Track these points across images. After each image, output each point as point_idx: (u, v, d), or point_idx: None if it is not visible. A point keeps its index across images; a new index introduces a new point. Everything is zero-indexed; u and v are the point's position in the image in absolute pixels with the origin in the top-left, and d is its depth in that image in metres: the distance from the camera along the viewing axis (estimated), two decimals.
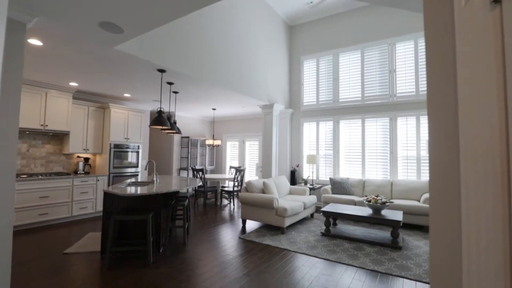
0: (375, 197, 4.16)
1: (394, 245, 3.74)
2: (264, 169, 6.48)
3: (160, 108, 4.08)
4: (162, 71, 3.97)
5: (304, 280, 2.74)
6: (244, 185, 5.10)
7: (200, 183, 4.39)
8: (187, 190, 5.56)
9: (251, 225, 4.85)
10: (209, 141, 7.34)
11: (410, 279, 2.82)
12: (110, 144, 5.81)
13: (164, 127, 4.29)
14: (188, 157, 7.98)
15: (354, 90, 6.32)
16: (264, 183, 4.83)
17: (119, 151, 5.99)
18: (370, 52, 6.14)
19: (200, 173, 6.42)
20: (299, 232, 4.40)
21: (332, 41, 6.66)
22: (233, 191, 6.43)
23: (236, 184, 6.52)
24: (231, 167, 7.65)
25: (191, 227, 4.61)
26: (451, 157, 0.81)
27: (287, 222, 4.39)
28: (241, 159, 8.46)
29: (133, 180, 4.54)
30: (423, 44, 5.59)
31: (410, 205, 4.64)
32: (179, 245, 3.73)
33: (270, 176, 6.35)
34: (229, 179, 6.70)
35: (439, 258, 0.82)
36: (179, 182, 4.29)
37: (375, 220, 3.91)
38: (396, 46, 5.85)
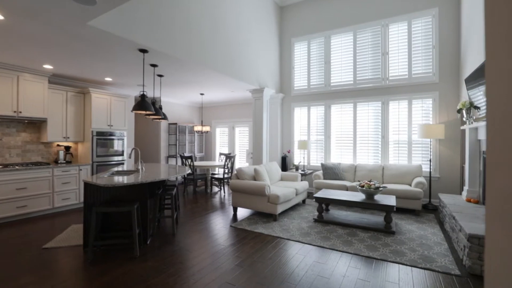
0: (368, 182, 4.11)
1: (387, 230, 3.72)
2: (255, 155, 6.34)
3: (143, 91, 3.80)
4: (144, 51, 3.67)
5: (299, 269, 2.66)
6: (234, 172, 4.95)
7: (189, 171, 4.21)
8: (176, 178, 5.36)
9: (242, 212, 4.75)
10: (197, 128, 7.09)
11: (406, 264, 2.79)
12: (92, 131, 5.49)
13: (148, 112, 4.03)
14: (176, 144, 7.73)
15: (346, 74, 6.16)
16: (255, 169, 4.69)
17: (103, 138, 5.68)
18: (362, 34, 5.94)
19: (189, 160, 6.22)
20: (291, 219, 4.33)
21: (324, 22, 6.40)
22: (223, 178, 6.29)
23: (226, 171, 6.37)
24: (221, 154, 7.47)
25: (181, 217, 4.46)
26: None
27: (280, 209, 4.30)
28: (231, 145, 8.28)
29: (118, 169, 4.31)
30: (417, 25, 5.44)
31: (402, 189, 4.63)
32: (167, 236, 3.58)
33: (261, 163, 6.23)
34: (219, 166, 6.54)
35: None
36: (167, 170, 4.09)
37: (369, 205, 3.87)
38: (389, 28, 5.67)
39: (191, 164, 6.15)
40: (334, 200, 4.11)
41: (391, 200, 3.95)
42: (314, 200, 5.23)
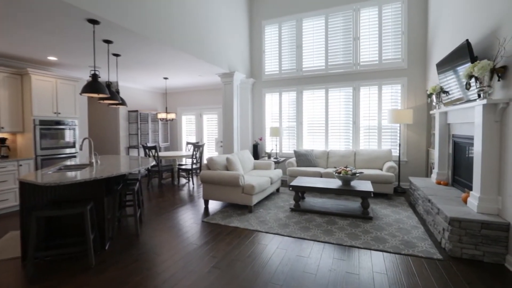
0: (345, 168, 4.02)
1: (365, 215, 3.68)
2: (225, 144, 5.98)
3: (95, 70, 3.20)
4: (94, 22, 3.05)
5: (283, 266, 2.44)
6: (204, 162, 4.57)
7: (154, 163, 3.73)
8: (139, 171, 4.81)
9: (214, 205, 4.41)
10: (161, 115, 6.48)
11: (389, 252, 2.73)
12: (35, 120, 4.66)
13: (102, 96, 3.44)
14: (138, 134, 7.03)
15: (318, 59, 6.01)
16: (227, 159, 4.36)
17: (48, 128, 4.87)
18: (334, 18, 5.79)
19: (153, 151, 5.66)
20: (267, 209, 4.12)
21: (295, 5, 6.12)
22: (191, 169, 5.86)
23: (194, 161, 5.94)
24: (188, 143, 6.97)
25: (145, 214, 4.00)
26: None
27: (255, 199, 4.05)
28: (198, 134, 7.79)
29: (68, 163, 3.68)
30: (387, 10, 5.41)
31: (375, 174, 4.66)
32: (130, 237, 3.13)
33: (232, 151, 5.90)
34: (187, 156, 6.07)
35: None
36: (127, 162, 3.58)
37: (346, 192, 3.78)
38: (360, 12, 5.58)
39: (156, 155, 5.61)
40: (312, 188, 3.97)
41: (367, 186, 3.91)
42: (290, 188, 5.09)
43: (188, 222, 3.63)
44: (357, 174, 3.92)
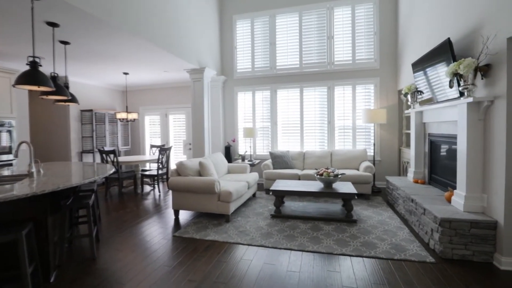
0: (327, 170, 3.85)
1: (349, 219, 3.52)
2: (195, 146, 5.50)
3: (34, 57, 2.57)
4: None
5: (272, 286, 2.12)
6: (173, 167, 4.08)
7: (113, 170, 3.16)
8: (95, 180, 4.11)
9: (186, 216, 3.94)
10: (121, 115, 5.77)
11: (382, 258, 2.56)
12: None
13: (44, 89, 2.79)
14: (92, 137, 6.20)
15: (292, 57, 5.83)
16: (200, 163, 3.92)
17: None
18: (308, 15, 5.66)
19: (112, 156, 4.97)
20: (246, 217, 3.77)
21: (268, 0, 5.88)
22: (157, 175, 5.27)
23: (160, 166, 5.37)
24: (152, 146, 6.33)
25: (103, 231, 3.39)
26: None
27: (232, 207, 3.68)
28: (164, 136, 7.14)
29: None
30: (360, 10, 5.43)
31: (353, 174, 4.58)
32: (85, 262, 2.56)
33: (203, 154, 5.44)
34: (151, 161, 5.47)
35: None
36: (80, 170, 2.97)
37: (331, 195, 3.60)
38: (334, 11, 5.53)
39: (115, 160, 4.93)
40: (294, 192, 3.72)
41: (349, 187, 3.78)
42: (270, 193, 4.83)
43: (156, 238, 3.13)
44: (339, 176, 3.76)
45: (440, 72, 3.18)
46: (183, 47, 4.64)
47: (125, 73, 5.57)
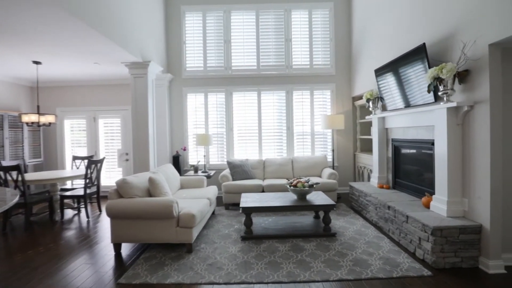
0: (300, 180, 3.48)
1: (327, 233, 3.21)
2: (137, 157, 4.51)
3: None
4: None
5: None
6: (106, 183, 3.11)
7: (17, 196, 2.11)
8: None
9: (130, 249, 3.03)
10: (30, 118, 4.33)
11: (382, 278, 2.28)
12: None
13: None
14: None
15: (249, 58, 5.41)
16: (151, 180, 3.08)
17: None
18: (265, 15, 5.35)
19: (15, 173, 3.61)
20: (211, 243, 3.09)
21: None
22: (84, 195, 4.10)
23: (89, 183, 4.21)
24: (76, 158, 5.01)
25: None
26: None
27: (195, 233, 2.96)
28: (92, 145, 5.78)
29: None
30: (317, 16, 5.39)
31: (319, 182, 4.34)
32: None
33: (147, 167, 4.48)
34: (76, 177, 4.25)
35: None
36: None
37: (308, 208, 3.24)
38: (292, 13, 5.35)
39: (19, 179, 3.59)
40: (267, 208, 3.22)
41: (323, 197, 3.50)
42: (229, 208, 4.27)
43: None
44: (314, 186, 3.44)
45: (412, 77, 3.18)
46: (124, 33, 3.71)
47: (36, 62, 4.21)
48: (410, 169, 3.59)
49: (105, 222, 3.94)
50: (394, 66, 3.49)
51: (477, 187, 2.49)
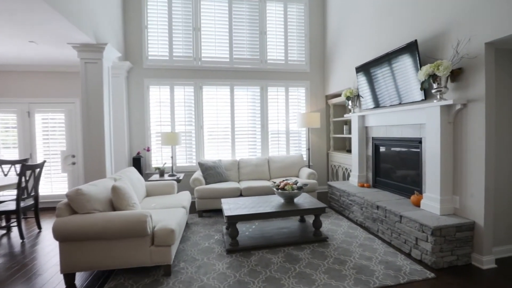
0: (288, 182, 3.21)
1: (318, 238, 3.00)
2: (88, 159, 3.72)
3: None
4: None
5: None
6: (47, 192, 2.43)
7: None
8: None
9: (86, 280, 2.40)
10: None
11: (390, 285, 2.12)
12: None
13: None
14: None
15: (221, 49, 4.96)
16: (115, 188, 2.48)
17: None
18: (239, 4, 4.95)
19: None
20: (192, 261, 2.63)
21: None
22: (17, 210, 3.23)
23: (23, 194, 3.34)
24: (3, 163, 3.98)
25: None
26: None
27: (173, 251, 2.46)
28: (25, 145, 4.67)
29: None
30: (292, 10, 5.19)
31: (306, 182, 4.15)
32: None
33: (103, 172, 3.73)
34: (4, 187, 3.33)
35: None
36: None
37: (299, 212, 2.98)
38: (267, 5, 5.06)
39: None
40: (256, 215, 2.87)
41: (311, 200, 3.28)
42: (203, 215, 3.85)
43: None
44: (303, 187, 3.20)
45: (399, 75, 3.15)
46: (73, 7, 2.96)
47: None
48: (392, 167, 3.59)
49: (48, 244, 3.13)
50: (378, 64, 3.44)
51: (469, 184, 2.51)
